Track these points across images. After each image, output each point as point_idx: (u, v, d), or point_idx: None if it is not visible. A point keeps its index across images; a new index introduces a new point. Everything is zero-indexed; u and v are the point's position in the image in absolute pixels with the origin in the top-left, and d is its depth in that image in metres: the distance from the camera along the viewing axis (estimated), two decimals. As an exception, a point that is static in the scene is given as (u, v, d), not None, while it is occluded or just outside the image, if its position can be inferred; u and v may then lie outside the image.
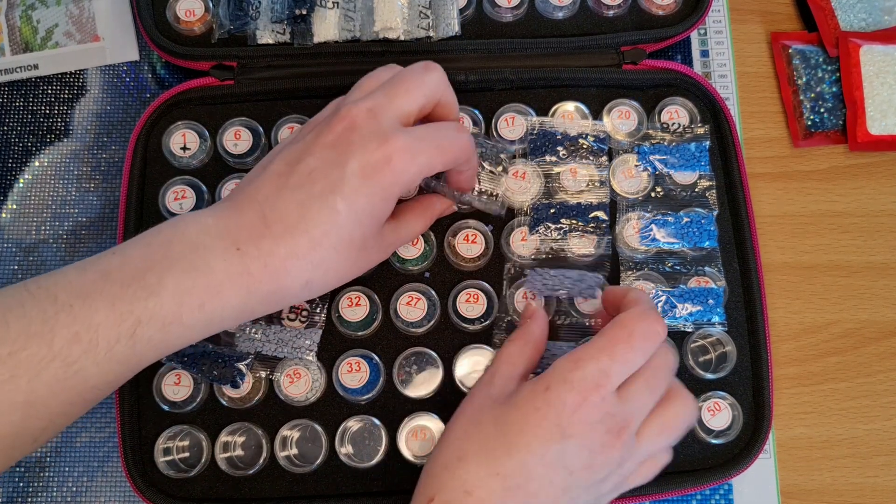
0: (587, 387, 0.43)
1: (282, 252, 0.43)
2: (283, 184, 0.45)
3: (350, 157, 0.44)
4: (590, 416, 0.43)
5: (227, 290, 0.43)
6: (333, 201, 0.43)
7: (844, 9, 0.64)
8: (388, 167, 0.44)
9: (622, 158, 0.58)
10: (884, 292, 0.60)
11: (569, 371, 0.44)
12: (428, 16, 0.60)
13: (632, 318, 0.45)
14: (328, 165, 0.44)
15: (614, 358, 0.44)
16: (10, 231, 0.60)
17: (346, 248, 0.45)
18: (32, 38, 0.63)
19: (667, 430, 0.46)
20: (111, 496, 0.56)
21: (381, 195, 0.44)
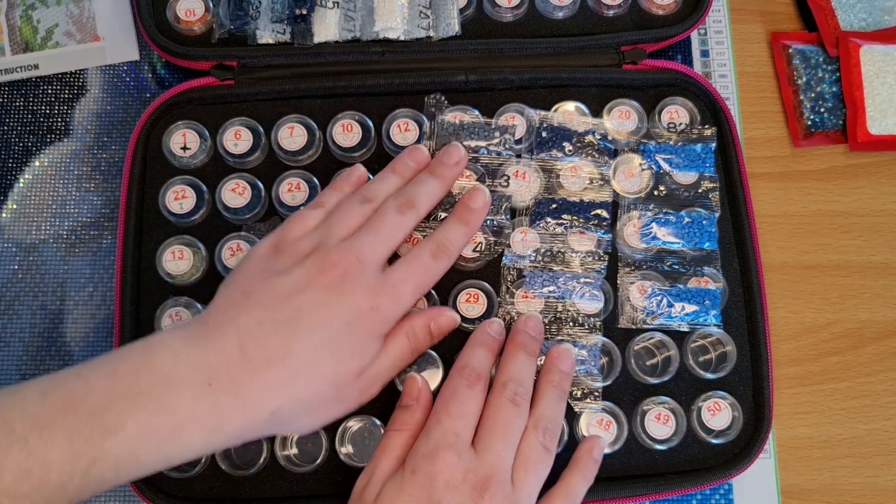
0: (439, 452, 0.45)
1: (255, 383, 0.43)
2: (269, 317, 0.44)
3: (342, 303, 0.45)
4: (453, 479, 0.44)
5: (189, 430, 0.42)
6: (315, 341, 0.44)
7: (844, 9, 0.64)
8: (376, 313, 0.46)
9: (625, 157, 0.58)
10: (884, 292, 0.60)
11: (423, 445, 0.46)
12: (428, 16, 0.60)
13: (451, 375, 0.49)
14: (319, 306, 0.45)
15: (451, 413, 0.46)
16: (10, 231, 0.60)
17: (323, 388, 0.45)
18: (33, 37, 0.63)
19: (531, 463, 0.47)
20: (111, 495, 0.56)
21: (365, 337, 0.46)
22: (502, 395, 0.48)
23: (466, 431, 0.46)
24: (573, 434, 0.53)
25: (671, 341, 0.55)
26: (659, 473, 0.53)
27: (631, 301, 0.55)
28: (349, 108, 0.58)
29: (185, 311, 0.54)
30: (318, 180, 0.57)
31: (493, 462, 0.45)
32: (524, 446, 0.47)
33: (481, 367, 0.49)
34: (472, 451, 0.46)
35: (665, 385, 0.55)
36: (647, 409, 0.54)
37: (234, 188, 0.56)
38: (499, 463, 0.45)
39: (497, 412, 0.47)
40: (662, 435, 0.53)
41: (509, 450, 0.46)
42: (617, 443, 0.53)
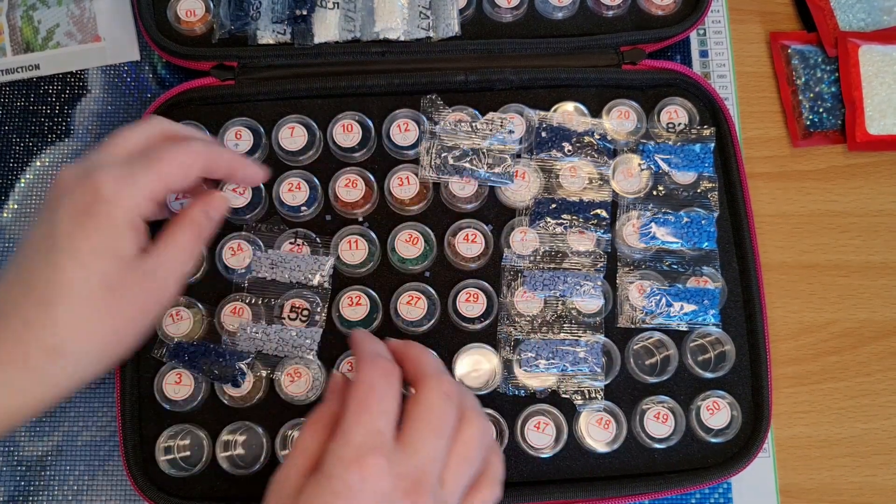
0: (363, 457, 0.39)
1: (15, 329, 0.40)
2: (12, 275, 0.42)
3: (59, 209, 0.42)
4: (381, 487, 0.39)
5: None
6: (52, 256, 0.41)
7: (843, 9, 0.65)
8: (98, 200, 0.42)
9: (624, 157, 0.58)
10: (882, 292, 0.60)
11: (341, 448, 0.39)
12: (428, 16, 0.60)
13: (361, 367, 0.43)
14: (43, 228, 0.43)
15: (370, 408, 0.41)
16: (11, 231, 0.60)
17: (87, 298, 0.41)
18: (34, 38, 0.64)
19: (465, 461, 0.42)
20: (112, 495, 0.56)
21: (105, 229, 0.42)
22: (438, 390, 0.42)
23: (390, 428, 0.41)
24: (573, 434, 0.54)
25: (670, 341, 0.55)
26: (658, 472, 0.53)
27: (630, 300, 0.56)
28: (349, 109, 0.58)
29: (185, 311, 0.54)
30: (318, 180, 0.57)
31: (424, 462, 0.40)
32: (461, 443, 0.42)
33: (388, 354, 0.45)
34: (400, 449, 0.40)
35: (664, 384, 0.55)
36: (647, 408, 0.54)
37: (234, 188, 0.56)
38: (431, 464, 0.41)
39: (431, 408, 0.42)
40: (661, 434, 0.53)
41: (443, 449, 0.41)
42: (616, 442, 0.53)
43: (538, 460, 0.53)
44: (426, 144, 0.57)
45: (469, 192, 0.57)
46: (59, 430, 0.57)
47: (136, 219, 0.43)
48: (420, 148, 0.57)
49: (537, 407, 0.54)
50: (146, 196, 0.43)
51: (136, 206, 0.43)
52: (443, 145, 0.57)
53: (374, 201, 0.57)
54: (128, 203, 0.42)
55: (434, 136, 0.57)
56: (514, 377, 0.54)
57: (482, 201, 0.57)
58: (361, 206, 0.57)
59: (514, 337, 0.55)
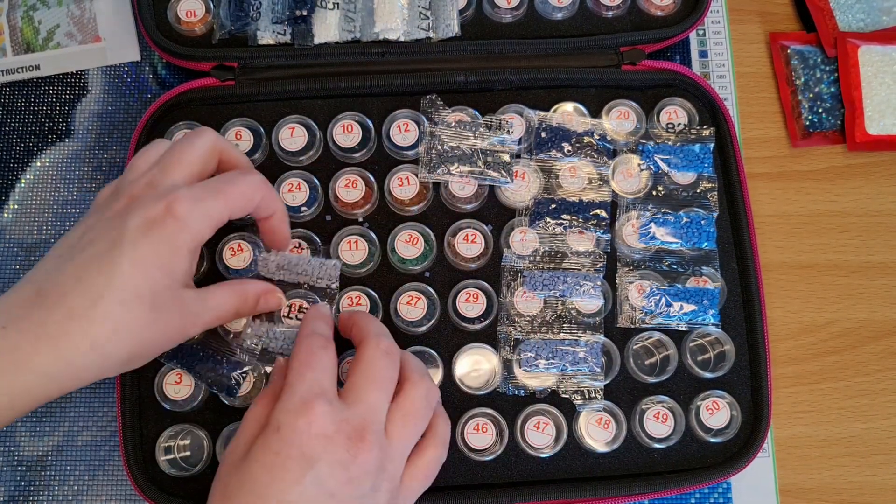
0: (308, 403, 0.42)
1: (56, 317, 0.41)
2: (61, 259, 0.44)
3: (129, 217, 0.44)
4: (325, 429, 0.41)
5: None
6: (112, 255, 0.42)
7: (843, 9, 0.65)
8: (171, 216, 0.43)
9: (623, 157, 0.58)
10: (882, 292, 0.60)
11: (287, 401, 0.42)
12: (428, 16, 0.60)
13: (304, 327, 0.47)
14: (108, 230, 0.44)
15: (312, 366, 0.44)
16: (11, 231, 0.61)
17: (134, 304, 0.42)
18: (34, 38, 0.64)
19: (410, 416, 0.45)
20: (112, 495, 0.56)
21: (168, 245, 0.43)
22: (377, 347, 0.45)
23: (332, 384, 0.44)
24: (573, 434, 0.54)
25: (670, 341, 0.55)
26: (657, 472, 0.53)
27: (630, 300, 0.56)
28: (349, 109, 0.58)
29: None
30: (318, 180, 0.57)
31: (365, 412, 0.43)
32: (405, 398, 0.45)
33: (325, 332, 0.47)
34: (342, 402, 0.43)
35: (664, 384, 0.55)
36: (646, 408, 0.54)
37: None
38: (372, 414, 0.43)
39: (371, 363, 0.45)
40: (661, 434, 0.53)
41: (384, 401, 0.44)
42: (616, 442, 0.53)
43: (538, 460, 0.53)
44: (426, 144, 0.57)
45: (469, 193, 0.57)
46: (59, 430, 0.57)
47: (196, 244, 0.45)
48: (420, 148, 0.57)
49: (537, 407, 0.54)
50: (212, 223, 0.46)
51: (200, 231, 0.45)
52: (443, 145, 0.57)
53: (374, 201, 0.57)
54: (195, 226, 0.44)
55: (434, 137, 0.57)
56: (513, 377, 0.54)
57: (482, 201, 0.57)
58: (361, 206, 0.57)
59: (514, 337, 0.55)
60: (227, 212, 0.46)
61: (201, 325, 0.47)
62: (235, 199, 0.47)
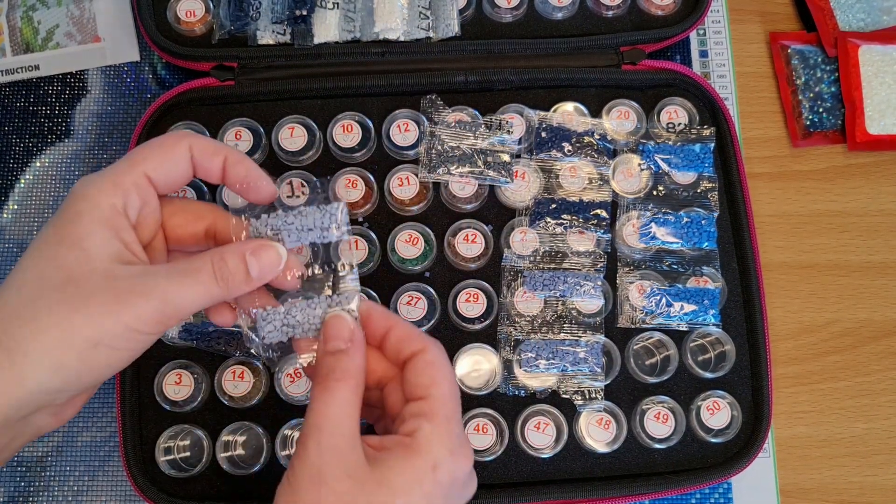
0: (468, 457, 0.39)
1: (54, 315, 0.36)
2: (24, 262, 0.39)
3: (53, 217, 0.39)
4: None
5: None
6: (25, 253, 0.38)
7: (843, 9, 0.65)
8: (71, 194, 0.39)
9: (624, 157, 0.58)
10: (882, 291, 0.60)
11: (450, 440, 0.37)
12: (428, 16, 0.60)
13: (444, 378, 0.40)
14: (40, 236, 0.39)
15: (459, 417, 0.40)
16: (11, 231, 0.60)
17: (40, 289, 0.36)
18: (33, 38, 0.64)
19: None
20: (112, 495, 0.56)
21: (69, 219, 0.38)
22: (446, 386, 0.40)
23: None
24: (573, 434, 0.54)
25: (670, 341, 0.55)
26: (658, 472, 0.53)
27: (630, 301, 0.56)
28: (349, 109, 0.58)
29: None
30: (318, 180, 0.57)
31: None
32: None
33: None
34: None
35: (664, 384, 0.55)
36: (647, 408, 0.54)
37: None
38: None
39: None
40: (662, 434, 0.53)
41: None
42: (616, 442, 0.53)
43: (538, 460, 0.53)
44: (426, 144, 0.57)
45: (469, 193, 0.57)
46: (59, 431, 0.57)
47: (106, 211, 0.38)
48: (420, 148, 0.57)
49: (537, 407, 0.54)
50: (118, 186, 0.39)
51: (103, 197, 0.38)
52: (443, 145, 0.57)
53: (374, 201, 0.57)
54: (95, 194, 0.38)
55: (434, 137, 0.57)
56: (514, 377, 0.54)
57: (482, 201, 0.57)
58: (361, 206, 0.57)
59: (514, 337, 0.55)
60: (139, 171, 0.39)
61: (162, 311, 0.37)
62: (144, 155, 0.40)
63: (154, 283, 0.37)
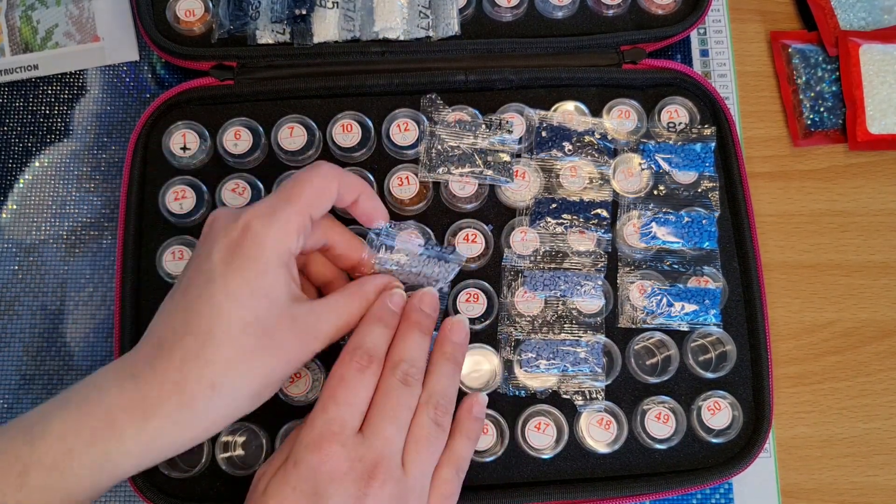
0: (324, 441, 0.42)
1: (175, 363, 0.42)
2: (173, 303, 0.44)
3: (214, 249, 0.44)
4: (338, 469, 0.42)
5: (120, 421, 0.41)
6: (210, 292, 0.42)
7: (844, 8, 0.64)
8: (247, 236, 0.43)
9: (624, 157, 0.58)
10: (884, 291, 0.60)
11: (306, 436, 0.43)
12: (428, 16, 0.60)
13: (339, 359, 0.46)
14: (199, 266, 0.44)
15: (338, 403, 0.44)
16: (10, 231, 0.60)
17: (242, 335, 0.42)
18: (32, 38, 0.63)
19: (422, 443, 0.45)
20: (112, 496, 0.56)
21: (255, 268, 0.43)
22: (393, 376, 0.45)
23: (353, 419, 0.44)
24: (574, 434, 0.54)
25: (671, 341, 0.55)
26: (659, 473, 0.53)
27: (631, 300, 0.55)
28: (349, 108, 0.58)
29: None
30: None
31: (380, 447, 0.43)
32: (415, 426, 0.45)
33: (375, 348, 0.46)
34: (360, 437, 0.43)
35: (665, 384, 0.55)
36: (647, 408, 0.54)
37: (234, 188, 0.56)
38: (387, 447, 0.43)
39: (387, 394, 0.45)
40: (662, 434, 0.53)
41: (399, 433, 0.44)
42: (617, 442, 0.53)
43: (539, 461, 0.53)
44: (426, 144, 0.57)
45: (469, 192, 0.57)
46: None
47: (285, 256, 0.44)
48: (420, 148, 0.57)
49: (538, 407, 0.54)
50: (291, 230, 0.44)
51: (282, 242, 0.44)
52: (443, 145, 0.57)
53: (374, 201, 0.57)
54: (276, 238, 0.44)
55: (434, 136, 0.57)
56: (514, 377, 0.54)
57: (482, 201, 0.57)
58: (361, 206, 0.57)
59: (515, 337, 0.55)
60: (306, 214, 0.45)
61: (323, 338, 0.46)
62: (309, 199, 0.45)
63: (322, 324, 0.45)
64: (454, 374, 0.48)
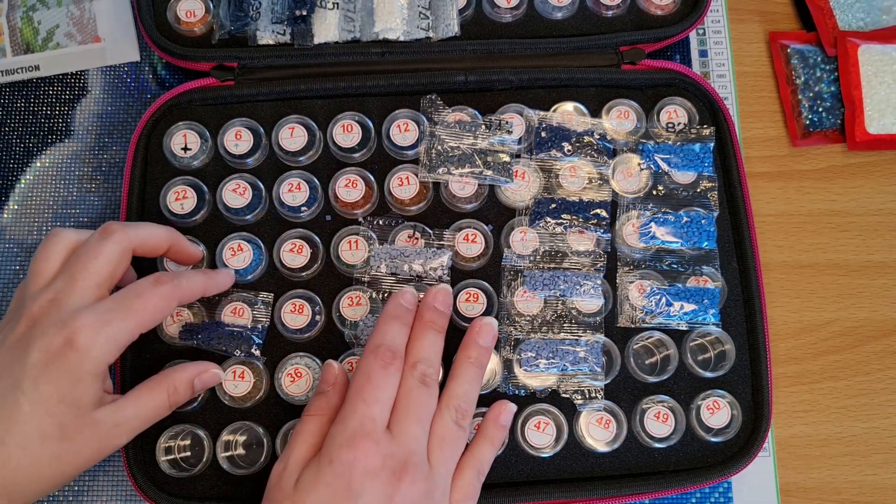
0: (357, 439, 0.44)
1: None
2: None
3: (30, 349, 0.43)
4: (371, 466, 0.44)
5: None
6: (14, 397, 0.42)
7: (843, 8, 0.65)
8: (71, 348, 0.43)
9: (623, 157, 0.58)
10: (882, 291, 0.60)
11: (339, 434, 0.45)
12: (427, 16, 0.60)
13: (363, 356, 0.48)
14: (10, 364, 0.43)
15: (367, 401, 0.45)
16: (11, 231, 0.61)
17: (38, 443, 0.42)
18: (33, 39, 0.64)
19: (445, 441, 0.47)
20: (113, 495, 0.56)
21: (70, 378, 0.43)
22: (412, 377, 0.47)
23: (383, 415, 0.46)
24: (573, 433, 0.54)
25: (670, 340, 0.55)
26: (658, 472, 0.53)
27: (630, 300, 0.56)
28: (349, 109, 0.58)
29: (185, 310, 0.54)
30: (318, 180, 0.57)
31: (408, 445, 0.45)
32: (437, 426, 0.47)
33: (395, 345, 0.48)
34: (389, 434, 0.45)
35: (664, 384, 0.55)
36: (647, 407, 0.54)
37: (234, 188, 0.56)
38: (415, 445, 0.46)
39: (408, 394, 0.47)
40: (662, 433, 0.53)
41: (423, 431, 0.46)
42: (616, 441, 0.53)
43: (538, 460, 0.53)
44: (426, 144, 0.57)
45: (469, 192, 0.57)
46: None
47: (104, 368, 0.45)
48: (420, 148, 0.57)
49: (537, 406, 0.54)
50: (119, 346, 0.45)
51: (106, 356, 0.44)
52: (443, 145, 0.57)
53: (374, 201, 0.57)
54: (99, 354, 0.44)
55: (434, 137, 0.57)
56: (514, 377, 0.54)
57: (482, 201, 0.57)
58: (361, 206, 0.57)
59: (515, 336, 0.55)
60: (138, 330, 0.46)
61: (125, 435, 0.46)
62: (144, 316, 0.46)
63: (125, 423, 0.46)
64: (477, 378, 0.50)
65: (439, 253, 0.55)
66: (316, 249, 0.56)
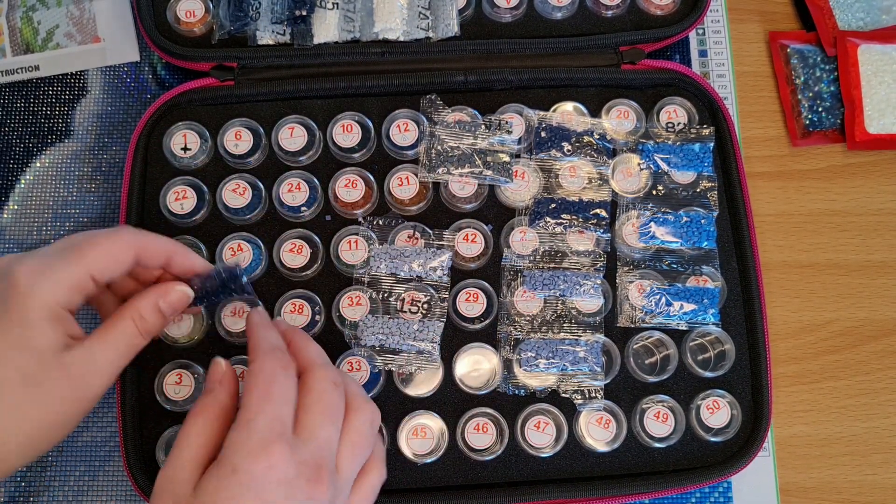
0: (268, 445, 0.40)
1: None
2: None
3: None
4: (286, 474, 0.40)
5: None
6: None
7: (842, 8, 0.65)
8: (13, 292, 0.41)
9: (623, 157, 0.58)
10: (882, 291, 0.60)
11: (245, 440, 0.40)
12: (427, 16, 0.60)
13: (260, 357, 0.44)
14: None
15: (273, 398, 0.41)
16: (11, 231, 0.61)
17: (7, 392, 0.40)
18: (33, 39, 0.64)
19: (358, 447, 0.44)
20: (113, 495, 0.56)
21: (18, 323, 0.41)
22: (326, 378, 0.44)
23: (290, 418, 0.42)
24: (573, 433, 0.54)
25: (670, 340, 0.55)
26: (658, 471, 0.53)
27: (630, 300, 0.56)
28: (349, 109, 0.58)
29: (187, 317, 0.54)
30: (318, 180, 0.57)
31: (319, 449, 0.41)
32: (352, 429, 0.44)
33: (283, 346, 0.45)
34: (296, 436, 0.41)
35: (664, 383, 0.55)
36: (647, 407, 0.54)
37: (234, 188, 0.56)
38: (326, 450, 0.42)
39: (321, 396, 0.43)
40: (661, 433, 0.53)
41: (335, 434, 0.43)
42: (616, 441, 0.53)
43: (538, 460, 0.53)
44: (426, 144, 0.57)
45: (469, 192, 0.57)
46: (59, 431, 0.57)
47: (56, 310, 0.42)
48: (420, 148, 0.57)
49: (537, 406, 0.54)
50: (66, 287, 0.42)
51: (53, 298, 0.42)
52: (443, 145, 0.57)
53: (374, 201, 0.57)
54: (44, 295, 0.42)
55: (434, 137, 0.57)
56: (514, 377, 0.54)
57: (482, 201, 0.57)
58: (361, 206, 0.57)
59: (514, 336, 0.55)
60: (86, 275, 0.43)
61: (101, 375, 0.43)
62: (91, 261, 0.43)
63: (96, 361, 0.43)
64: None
65: (439, 253, 0.55)
66: (316, 249, 0.56)
